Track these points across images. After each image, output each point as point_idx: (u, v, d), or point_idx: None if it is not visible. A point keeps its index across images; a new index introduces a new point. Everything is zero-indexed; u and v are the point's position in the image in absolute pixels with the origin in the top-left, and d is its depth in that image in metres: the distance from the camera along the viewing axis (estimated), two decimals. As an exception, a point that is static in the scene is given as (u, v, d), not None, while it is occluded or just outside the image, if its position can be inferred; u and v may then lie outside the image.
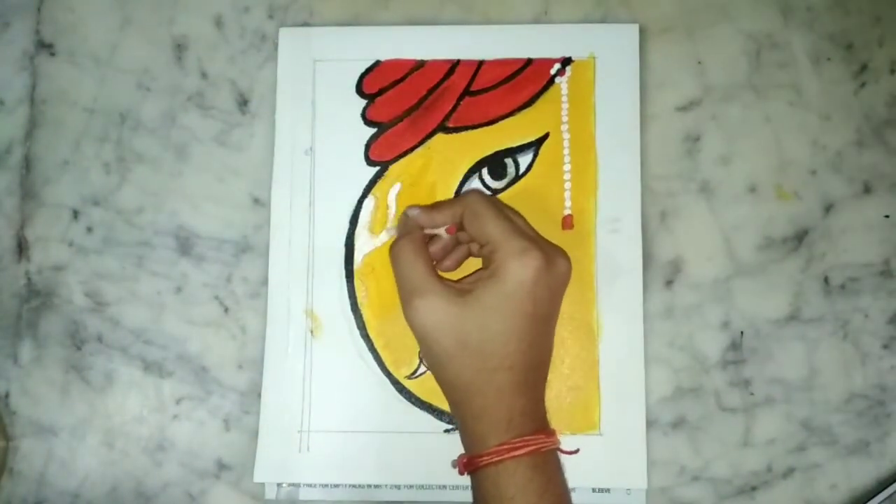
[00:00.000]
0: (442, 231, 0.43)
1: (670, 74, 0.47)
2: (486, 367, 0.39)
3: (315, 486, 0.45)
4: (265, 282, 0.46)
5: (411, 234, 0.43)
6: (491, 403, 0.39)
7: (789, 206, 0.47)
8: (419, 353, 0.46)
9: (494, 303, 0.39)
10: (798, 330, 0.46)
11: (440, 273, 0.42)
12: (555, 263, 0.40)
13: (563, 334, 0.45)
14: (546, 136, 0.47)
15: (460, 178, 0.47)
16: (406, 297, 0.41)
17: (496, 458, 0.38)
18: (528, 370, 0.40)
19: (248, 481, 0.45)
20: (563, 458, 0.41)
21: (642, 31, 0.47)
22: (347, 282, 0.46)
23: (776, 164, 0.47)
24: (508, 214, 0.42)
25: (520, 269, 0.39)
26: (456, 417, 0.41)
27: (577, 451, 0.43)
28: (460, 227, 0.43)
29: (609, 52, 0.47)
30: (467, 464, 0.40)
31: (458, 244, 0.44)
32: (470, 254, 0.45)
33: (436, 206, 0.44)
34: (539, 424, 0.40)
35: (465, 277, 0.44)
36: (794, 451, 0.45)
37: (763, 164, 0.47)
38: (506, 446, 0.38)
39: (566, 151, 0.47)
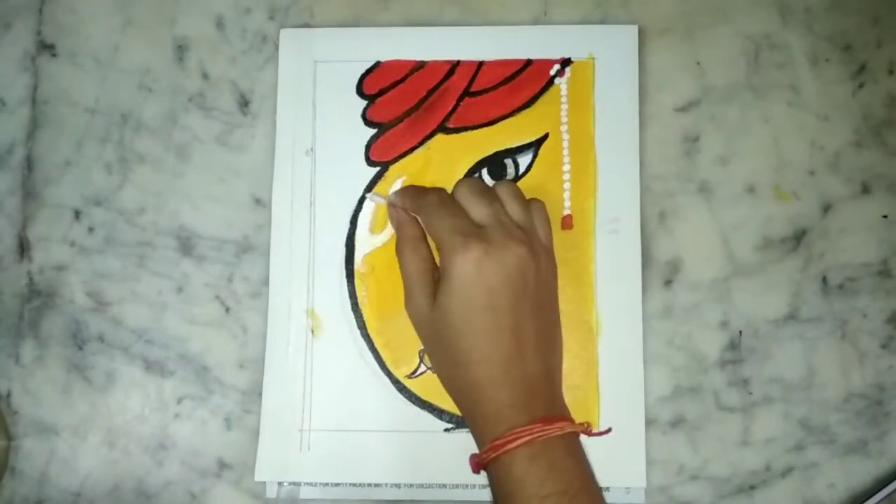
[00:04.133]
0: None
1: (669, 75, 0.47)
2: (460, 363, 0.40)
3: (316, 484, 0.45)
4: (266, 281, 0.47)
5: (410, 229, 0.44)
6: (474, 399, 0.40)
7: (788, 206, 0.47)
8: (419, 351, 0.46)
9: (448, 301, 0.40)
10: (796, 329, 0.46)
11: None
12: (497, 253, 0.39)
13: (563, 333, 0.45)
14: (545, 136, 0.47)
15: (460, 178, 0.47)
16: (404, 293, 0.43)
17: (492, 455, 0.38)
18: (505, 361, 0.39)
19: (249, 480, 0.46)
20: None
21: (641, 32, 0.47)
22: (348, 281, 0.47)
23: (775, 165, 0.47)
24: (461, 209, 0.41)
25: (459, 264, 0.39)
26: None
27: (585, 427, 0.41)
28: None
29: (608, 53, 0.47)
30: (476, 464, 0.40)
31: None
32: None
33: (406, 192, 0.45)
34: (534, 414, 0.39)
35: None
36: (792, 451, 0.45)
37: (762, 164, 0.47)
38: (498, 442, 0.38)
39: (565, 152, 0.47)
